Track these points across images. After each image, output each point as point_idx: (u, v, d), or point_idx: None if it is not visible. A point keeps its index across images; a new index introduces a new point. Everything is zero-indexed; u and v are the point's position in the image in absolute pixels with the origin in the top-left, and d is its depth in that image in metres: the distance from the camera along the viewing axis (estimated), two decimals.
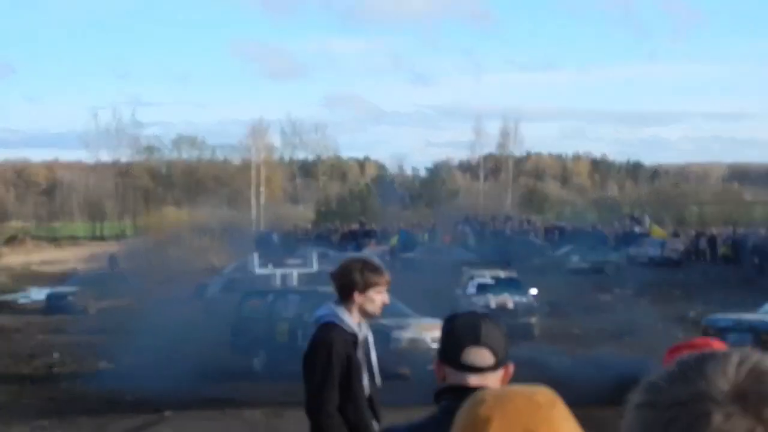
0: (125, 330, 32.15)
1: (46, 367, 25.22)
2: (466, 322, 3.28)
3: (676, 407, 1.09)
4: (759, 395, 1.06)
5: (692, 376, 1.11)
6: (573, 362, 22.95)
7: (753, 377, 1.09)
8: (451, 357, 3.20)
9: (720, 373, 1.09)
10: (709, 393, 1.07)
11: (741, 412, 1.05)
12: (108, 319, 37.85)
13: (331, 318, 6.24)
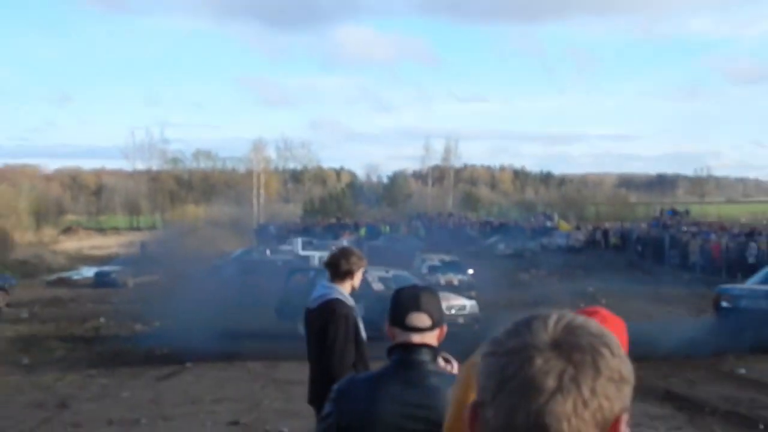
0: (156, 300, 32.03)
1: (94, 329, 25.03)
2: (409, 293, 3.29)
3: (510, 355, 1.16)
4: (570, 344, 1.15)
5: (522, 331, 1.19)
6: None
7: (567, 331, 1.17)
8: (398, 321, 3.20)
9: (542, 328, 1.18)
10: (533, 343, 1.16)
11: (556, 356, 1.14)
12: (142, 292, 37.71)
13: (337, 295, 6.23)
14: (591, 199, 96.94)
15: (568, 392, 1.11)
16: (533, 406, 1.11)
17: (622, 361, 1.18)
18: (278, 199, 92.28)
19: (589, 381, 1.12)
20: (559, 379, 1.12)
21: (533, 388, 1.12)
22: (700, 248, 45.08)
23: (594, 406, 1.12)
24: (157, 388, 15.22)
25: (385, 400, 3.06)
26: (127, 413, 12.74)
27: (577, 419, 1.11)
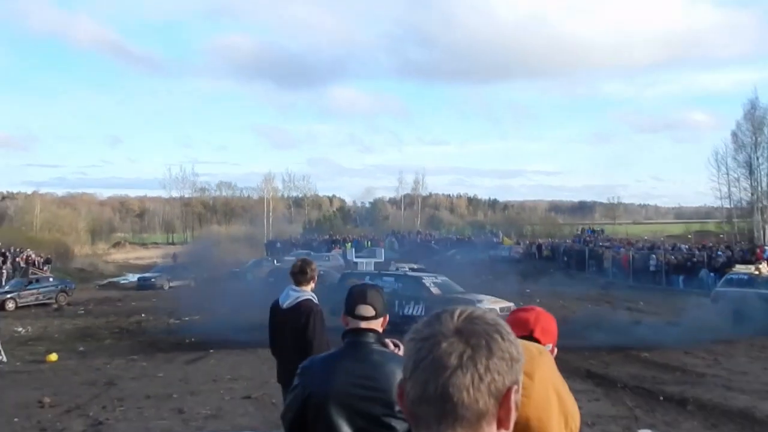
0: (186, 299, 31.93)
1: (136, 323, 24.94)
2: (359, 290, 3.37)
3: (424, 340, 1.23)
4: (468, 330, 1.21)
5: (433, 322, 1.25)
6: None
7: (467, 321, 1.23)
8: (350, 311, 3.27)
9: (449, 319, 1.24)
10: (441, 330, 1.22)
11: (458, 341, 1.20)
12: (176, 293, 37.68)
13: (309, 296, 6.27)
14: (528, 221, 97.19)
15: (467, 368, 1.18)
16: (440, 380, 1.18)
17: (512, 344, 1.23)
18: (283, 220, 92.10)
19: (484, 360, 1.19)
20: (459, 358, 1.18)
21: (439, 365, 1.19)
22: (612, 259, 45.38)
23: (488, 379, 1.18)
24: (186, 369, 15.18)
25: (339, 373, 3.10)
26: (161, 390, 12.68)
27: (475, 390, 1.17)
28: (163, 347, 19.15)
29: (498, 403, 1.19)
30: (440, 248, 63.40)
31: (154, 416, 10.47)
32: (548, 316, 2.77)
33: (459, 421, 1.18)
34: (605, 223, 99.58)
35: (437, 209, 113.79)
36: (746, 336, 18.44)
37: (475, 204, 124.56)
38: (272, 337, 6.54)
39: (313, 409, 3.08)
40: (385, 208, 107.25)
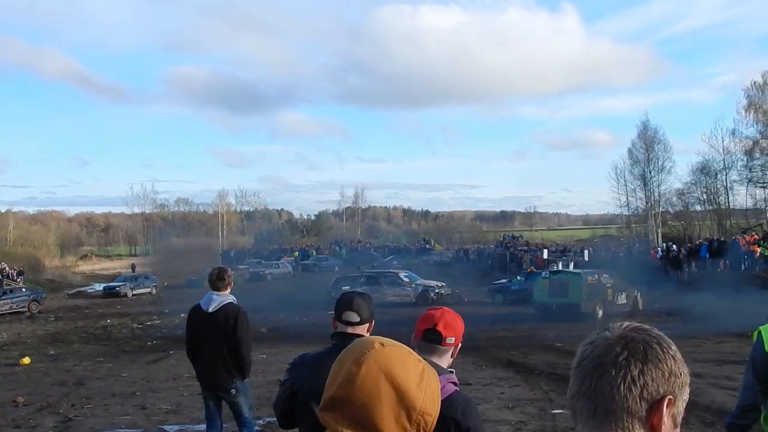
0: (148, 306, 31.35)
1: (103, 328, 24.36)
2: (347, 297, 3.31)
3: (590, 343, 1.22)
4: (631, 337, 1.19)
5: (604, 329, 1.23)
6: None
7: (631, 329, 1.21)
8: (338, 316, 3.23)
9: (617, 327, 1.23)
10: (607, 336, 1.20)
11: (617, 344, 1.18)
12: (139, 301, 37.02)
13: (231, 299, 6.27)
14: (456, 229, 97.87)
15: (620, 368, 1.14)
16: (594, 375, 1.16)
17: (672, 359, 1.17)
18: (236, 232, 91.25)
19: (638, 364, 1.14)
20: (615, 358, 1.15)
21: (597, 363, 1.17)
22: (530, 260, 45.97)
23: (640, 383, 1.14)
24: (148, 369, 14.94)
25: (326, 372, 2.99)
26: (126, 388, 12.46)
27: (625, 389, 1.14)
28: (128, 349, 18.82)
29: (650, 409, 1.14)
30: (379, 255, 63.51)
31: (119, 412, 10.27)
32: (453, 315, 2.85)
33: (609, 416, 1.15)
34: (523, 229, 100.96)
35: (376, 220, 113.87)
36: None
37: (410, 215, 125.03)
38: (194, 339, 6.36)
39: (300, 403, 3.08)
40: (329, 220, 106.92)
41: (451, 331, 2.79)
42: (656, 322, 20.65)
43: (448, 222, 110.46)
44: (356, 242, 74.61)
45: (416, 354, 1.45)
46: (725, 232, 43.58)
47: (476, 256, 55.95)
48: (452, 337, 2.79)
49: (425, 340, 2.77)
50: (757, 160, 44.53)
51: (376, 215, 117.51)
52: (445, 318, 2.81)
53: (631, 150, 54.38)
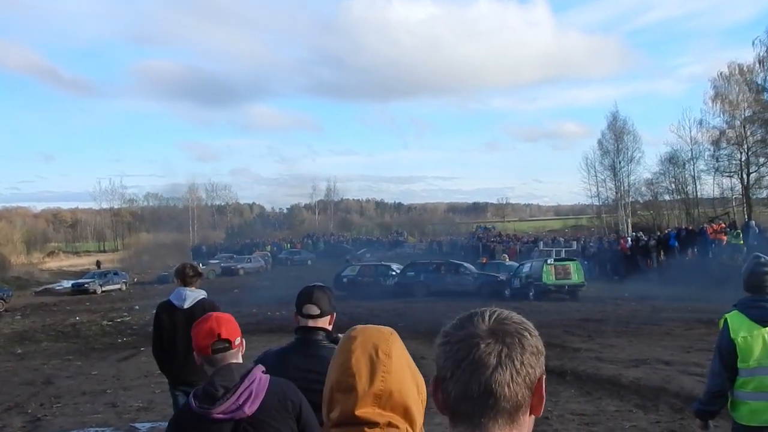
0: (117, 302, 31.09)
1: (72, 325, 24.01)
2: (306, 290, 3.30)
3: (460, 342, 1.20)
4: (502, 331, 1.20)
5: (466, 324, 1.23)
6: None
7: (498, 321, 1.22)
8: (299, 310, 3.24)
9: (480, 321, 1.22)
10: (476, 332, 1.20)
11: (494, 341, 1.19)
12: (109, 298, 36.70)
13: (205, 294, 6.29)
14: (429, 221, 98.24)
15: (505, 366, 1.18)
16: (482, 378, 1.17)
17: (538, 339, 1.23)
18: (208, 226, 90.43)
19: (519, 356, 1.19)
20: (498, 357, 1.18)
21: (481, 365, 1.17)
22: (503, 251, 46.27)
23: (523, 373, 1.18)
24: (119, 366, 14.76)
25: (289, 367, 3.11)
26: (96, 386, 12.32)
27: (514, 384, 1.18)
28: (97, 347, 18.58)
29: (531, 393, 1.20)
30: (352, 248, 63.50)
31: (89, 411, 10.17)
32: (225, 316, 2.84)
33: (500, 413, 1.18)
34: (496, 221, 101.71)
35: (348, 213, 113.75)
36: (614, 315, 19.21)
37: (382, 207, 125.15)
38: (167, 336, 6.20)
39: None
40: (301, 213, 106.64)
41: (236, 332, 2.79)
42: (626, 310, 20.93)
43: (420, 214, 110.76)
44: (329, 235, 74.49)
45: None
46: (693, 221, 44.22)
47: (449, 248, 56.14)
48: (238, 337, 2.80)
49: (215, 352, 2.72)
50: (723, 150, 45.19)
51: (349, 208, 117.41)
52: (222, 323, 2.77)
53: (601, 141, 55.06)
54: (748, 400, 3.86)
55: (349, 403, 1.48)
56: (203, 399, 2.61)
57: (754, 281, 3.96)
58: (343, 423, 1.48)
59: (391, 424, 1.48)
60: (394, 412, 1.49)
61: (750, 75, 42.85)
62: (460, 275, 29.11)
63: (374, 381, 1.49)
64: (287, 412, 2.69)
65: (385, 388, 1.48)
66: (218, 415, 2.58)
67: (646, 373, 10.81)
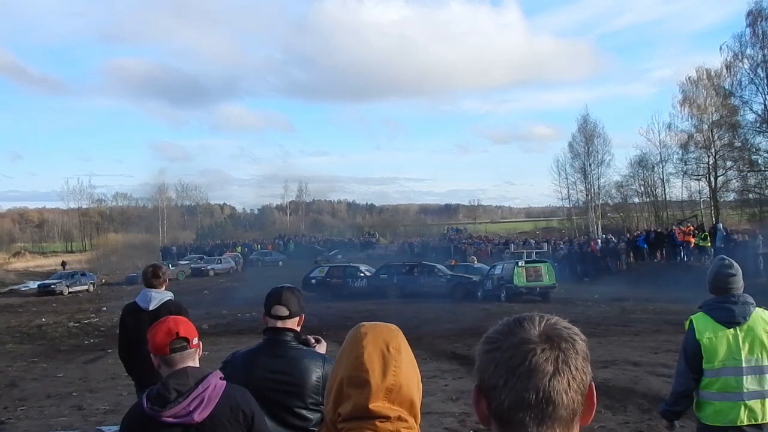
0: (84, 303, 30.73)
1: (38, 327, 23.65)
2: (275, 291, 3.30)
3: (513, 348, 1.16)
4: (557, 336, 1.16)
5: (517, 330, 1.18)
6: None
7: (549, 326, 1.18)
8: (267, 311, 3.23)
9: (532, 326, 1.17)
10: (530, 338, 1.16)
11: (549, 347, 1.15)
12: (76, 299, 36.24)
13: (171, 296, 6.22)
14: (401, 222, 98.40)
15: (563, 372, 1.14)
16: (540, 385, 1.13)
17: (585, 343, 1.20)
18: (177, 227, 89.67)
19: (573, 361, 1.15)
20: (555, 363, 1.14)
21: (539, 371, 1.13)
22: (474, 252, 46.50)
23: (579, 379, 1.15)
24: (85, 369, 14.56)
25: (257, 368, 3.12)
26: (62, 389, 12.12)
27: (571, 390, 1.14)
28: (64, 349, 18.31)
29: (584, 399, 1.17)
30: (324, 249, 63.38)
31: (54, 414, 10.02)
32: (180, 318, 2.87)
33: (558, 421, 1.14)
34: (467, 222, 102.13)
35: (320, 214, 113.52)
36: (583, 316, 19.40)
37: (354, 208, 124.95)
38: (133, 338, 6.03)
39: None
40: (272, 214, 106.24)
41: (193, 333, 2.80)
42: (595, 312, 21.16)
43: (392, 215, 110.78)
44: (301, 236, 74.26)
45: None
46: (662, 224, 44.81)
47: (421, 249, 56.32)
48: (196, 338, 2.81)
49: (174, 352, 2.72)
50: (691, 153, 45.90)
51: (321, 209, 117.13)
52: (179, 323, 2.79)
53: (571, 143, 55.66)
54: (713, 400, 3.92)
55: (362, 397, 1.50)
56: (155, 400, 2.60)
57: (718, 283, 4.01)
58: (356, 417, 1.51)
59: (401, 419, 1.51)
60: (402, 406, 1.52)
61: (717, 80, 43.56)
62: (433, 277, 29.19)
63: (387, 375, 1.52)
64: (238, 422, 2.68)
65: (396, 383, 1.52)
66: (167, 418, 2.57)
67: (615, 374, 10.92)
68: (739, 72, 40.39)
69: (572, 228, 57.72)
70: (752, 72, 39.09)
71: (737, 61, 40.26)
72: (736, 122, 41.77)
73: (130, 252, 60.33)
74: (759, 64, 38.45)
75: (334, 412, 1.54)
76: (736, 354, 3.87)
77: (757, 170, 40.56)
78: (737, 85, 40.77)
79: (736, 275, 4.01)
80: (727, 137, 43.06)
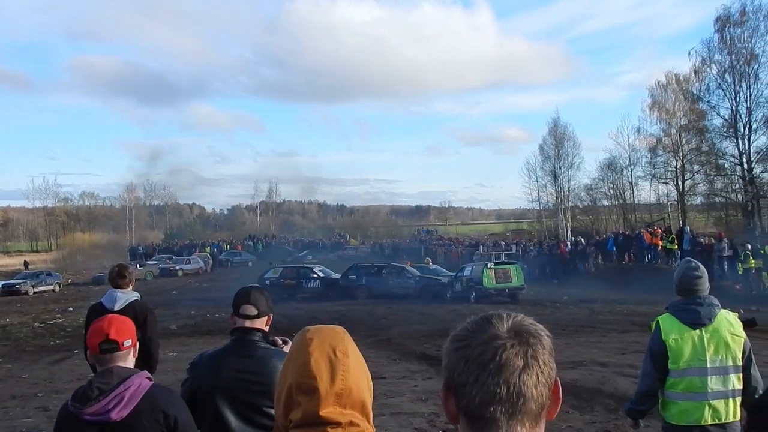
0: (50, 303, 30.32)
1: (2, 328, 23.26)
2: (243, 291, 3.30)
3: (483, 345, 1.18)
4: (525, 332, 1.19)
5: (486, 327, 1.20)
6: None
7: (516, 323, 1.21)
8: (236, 310, 3.23)
9: (500, 323, 1.20)
10: (499, 334, 1.19)
11: (518, 342, 1.18)
12: (41, 299, 35.75)
13: (137, 296, 6.20)
14: (371, 223, 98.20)
15: (532, 367, 1.16)
16: (511, 380, 1.15)
17: (551, 339, 1.22)
18: (145, 227, 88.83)
19: (541, 356, 1.18)
20: (525, 358, 1.16)
21: (509, 366, 1.15)
22: (444, 254, 46.74)
23: (546, 373, 1.18)
24: (51, 369, 14.38)
25: (225, 368, 3.11)
26: (27, 390, 11.95)
27: (540, 384, 1.16)
28: (29, 349, 18.05)
29: (551, 394, 1.19)
30: (294, 250, 63.16)
31: (19, 415, 9.87)
32: (121, 319, 2.89)
33: (527, 415, 1.16)
34: (438, 224, 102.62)
35: (290, 214, 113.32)
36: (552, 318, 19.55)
37: (325, 209, 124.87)
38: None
39: (201, 400, 3.08)
40: (242, 214, 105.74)
41: (126, 335, 2.80)
42: (564, 313, 21.36)
43: (363, 217, 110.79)
44: (270, 237, 73.93)
45: None
46: (630, 227, 45.33)
47: (391, 251, 56.36)
48: (128, 339, 2.81)
49: (103, 352, 2.74)
50: (660, 157, 46.43)
51: (291, 210, 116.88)
52: (113, 324, 2.80)
53: (542, 146, 56.11)
54: (678, 400, 3.99)
55: (312, 404, 1.49)
56: (79, 398, 2.63)
57: (685, 285, 4.08)
58: (306, 424, 1.49)
59: (353, 423, 1.50)
60: (353, 409, 1.51)
61: (686, 84, 44.11)
62: (402, 278, 29.23)
63: (335, 381, 1.50)
64: (158, 423, 2.67)
65: (346, 387, 1.50)
66: (87, 416, 2.59)
67: (582, 374, 11.03)
68: (707, 77, 40.93)
69: (542, 230, 58.18)
70: (720, 77, 39.65)
71: (705, 67, 40.82)
72: (704, 127, 42.31)
73: (97, 252, 59.52)
74: (726, 70, 39.01)
75: (285, 418, 1.53)
76: (701, 355, 3.93)
77: (724, 174, 41.11)
78: (705, 90, 41.31)
79: (702, 277, 4.07)
80: (694, 141, 43.64)
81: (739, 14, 37.88)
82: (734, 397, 3.96)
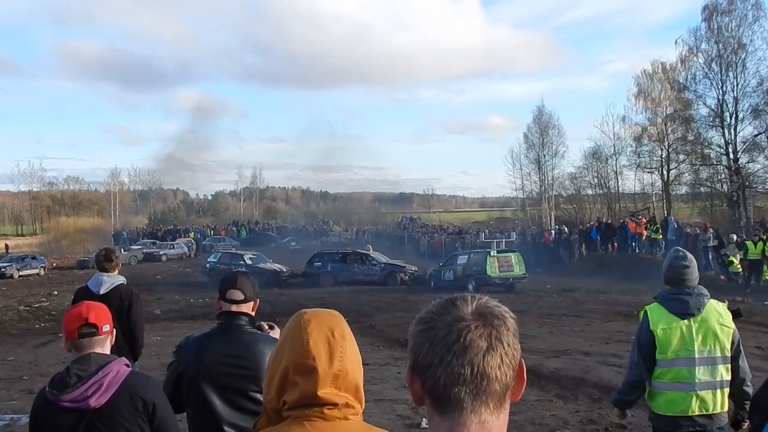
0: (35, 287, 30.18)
1: None
2: (230, 276, 3.33)
3: (448, 326, 1.18)
4: (489, 314, 1.20)
5: (451, 309, 1.21)
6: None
7: (481, 305, 1.22)
8: (222, 295, 3.24)
9: (464, 305, 1.21)
10: (464, 316, 1.19)
11: (482, 324, 1.19)
12: (26, 282, 35.62)
13: (123, 280, 6.22)
14: (355, 211, 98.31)
15: (496, 348, 1.17)
16: (475, 361, 1.16)
17: (516, 321, 1.23)
18: (130, 212, 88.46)
19: (505, 338, 1.19)
20: (489, 340, 1.17)
21: (473, 348, 1.16)
22: (428, 242, 46.81)
23: (510, 355, 1.19)
24: (36, 352, 14.38)
25: (211, 352, 3.12)
26: (12, 372, 11.98)
27: (504, 365, 1.18)
28: (14, 332, 18.06)
29: (515, 375, 1.21)
30: (278, 236, 63.06)
31: (5, 397, 9.86)
32: (97, 304, 2.88)
33: (491, 396, 1.17)
34: (421, 211, 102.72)
35: (274, 201, 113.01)
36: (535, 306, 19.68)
37: (308, 196, 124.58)
38: None
39: (186, 384, 3.10)
40: (226, 200, 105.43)
41: (104, 320, 2.81)
42: (548, 302, 21.50)
43: (347, 203, 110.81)
44: (254, 223, 73.76)
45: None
46: (614, 216, 45.51)
47: (374, 238, 56.41)
48: (107, 325, 2.82)
49: (82, 337, 2.73)
50: (645, 147, 46.48)
51: (275, 196, 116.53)
52: (91, 309, 2.80)
53: (526, 134, 56.12)
54: (665, 390, 4.01)
55: (310, 384, 1.49)
56: (57, 385, 2.62)
57: (673, 274, 4.10)
58: (303, 405, 1.50)
59: (348, 405, 1.51)
60: (348, 392, 1.52)
61: (672, 73, 44.09)
62: (367, 265, 29.47)
63: (333, 362, 1.51)
64: (137, 410, 2.68)
65: (343, 368, 1.51)
66: (65, 403, 2.59)
67: (566, 363, 11.11)
68: (694, 66, 40.80)
69: (526, 218, 58.32)
70: (707, 66, 39.59)
71: (692, 56, 40.71)
72: (690, 116, 42.31)
73: (82, 236, 59.20)
74: (713, 59, 38.95)
75: (278, 401, 1.53)
76: (689, 345, 3.95)
77: (709, 164, 41.17)
78: (692, 80, 41.22)
79: (690, 267, 4.09)
80: (680, 131, 43.65)
81: (726, 3, 37.73)
82: (722, 388, 3.97)
